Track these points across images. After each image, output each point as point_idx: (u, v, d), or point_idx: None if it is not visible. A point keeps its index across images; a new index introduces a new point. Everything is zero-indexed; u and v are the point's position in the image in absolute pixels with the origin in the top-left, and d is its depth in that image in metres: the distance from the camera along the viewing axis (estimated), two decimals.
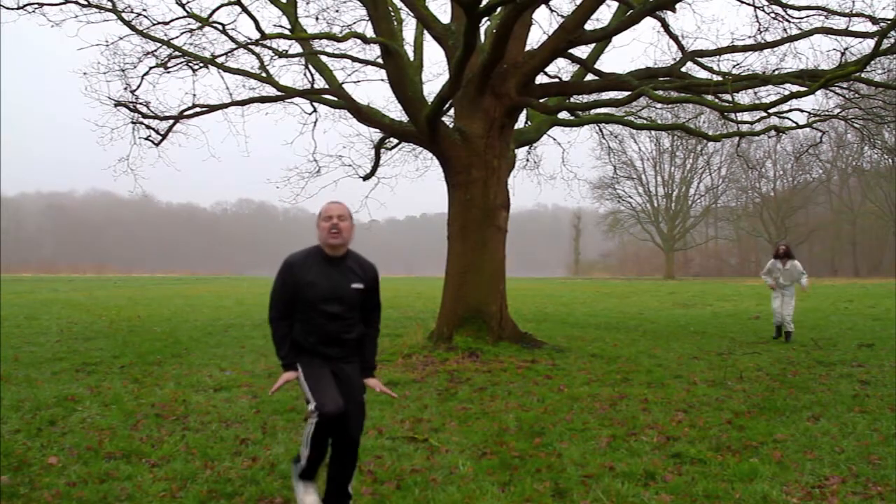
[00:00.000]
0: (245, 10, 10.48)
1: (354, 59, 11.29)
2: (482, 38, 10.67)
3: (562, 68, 13.55)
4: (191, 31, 11.20)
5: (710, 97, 10.75)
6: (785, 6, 10.39)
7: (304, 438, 3.54)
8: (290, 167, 13.49)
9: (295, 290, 3.53)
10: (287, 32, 10.59)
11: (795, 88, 9.98)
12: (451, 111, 11.08)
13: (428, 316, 14.42)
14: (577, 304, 22.43)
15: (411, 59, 11.15)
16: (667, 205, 62.68)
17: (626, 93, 10.28)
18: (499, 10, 9.35)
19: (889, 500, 3.91)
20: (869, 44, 9.35)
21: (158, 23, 11.06)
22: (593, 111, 12.66)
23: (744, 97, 12.18)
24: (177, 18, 11.01)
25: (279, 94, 11.35)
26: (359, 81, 13.25)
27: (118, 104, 11.65)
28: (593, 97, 13.02)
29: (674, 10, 9.73)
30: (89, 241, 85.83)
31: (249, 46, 10.96)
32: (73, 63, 24.59)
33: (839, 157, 57.74)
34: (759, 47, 10.62)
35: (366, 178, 13.29)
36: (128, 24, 10.84)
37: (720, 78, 10.47)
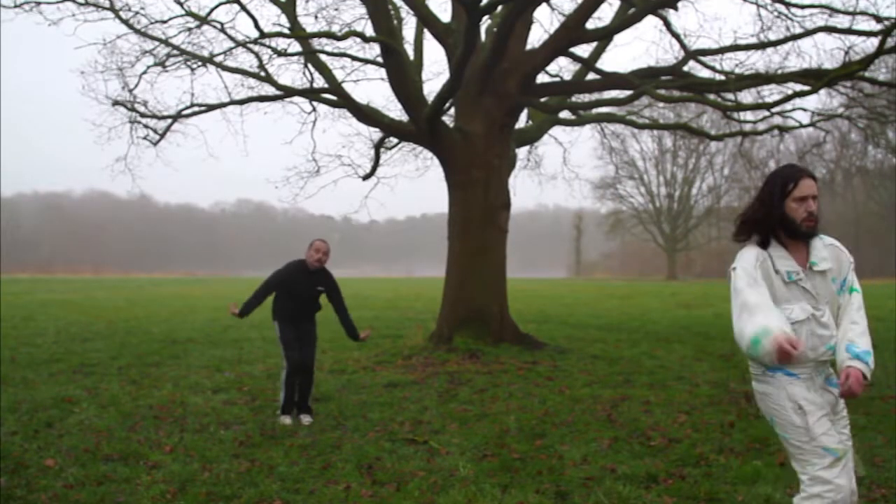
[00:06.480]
0: (244, 8, 10.42)
1: (354, 58, 11.24)
2: (483, 36, 10.62)
3: (563, 67, 13.49)
4: (189, 29, 11.14)
5: (712, 96, 10.70)
6: (788, 4, 10.31)
7: (280, 383, 5.93)
8: (289, 167, 13.41)
9: (284, 286, 5.99)
10: (286, 31, 10.53)
11: (798, 87, 9.93)
12: (452, 110, 11.02)
13: (428, 317, 14.35)
14: (579, 304, 22.39)
15: (411, 57, 11.10)
16: (669, 205, 62.48)
17: (628, 92, 10.24)
18: (499, 8, 9.31)
19: (893, 502, 3.87)
20: (873, 42, 9.28)
21: (156, 21, 11.01)
22: (595, 110, 12.64)
23: (746, 96, 12.11)
24: (175, 17, 10.94)
25: (278, 93, 11.30)
26: (358, 80, 13.16)
27: (116, 103, 11.60)
28: (595, 96, 12.97)
29: (676, 9, 9.69)
30: (87, 242, 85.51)
31: (248, 45, 10.90)
32: (70, 62, 24.59)
33: (843, 157, 57.47)
34: (761, 46, 10.55)
35: (365, 177, 13.23)
36: (125, 22, 10.79)
37: (723, 77, 10.41)
